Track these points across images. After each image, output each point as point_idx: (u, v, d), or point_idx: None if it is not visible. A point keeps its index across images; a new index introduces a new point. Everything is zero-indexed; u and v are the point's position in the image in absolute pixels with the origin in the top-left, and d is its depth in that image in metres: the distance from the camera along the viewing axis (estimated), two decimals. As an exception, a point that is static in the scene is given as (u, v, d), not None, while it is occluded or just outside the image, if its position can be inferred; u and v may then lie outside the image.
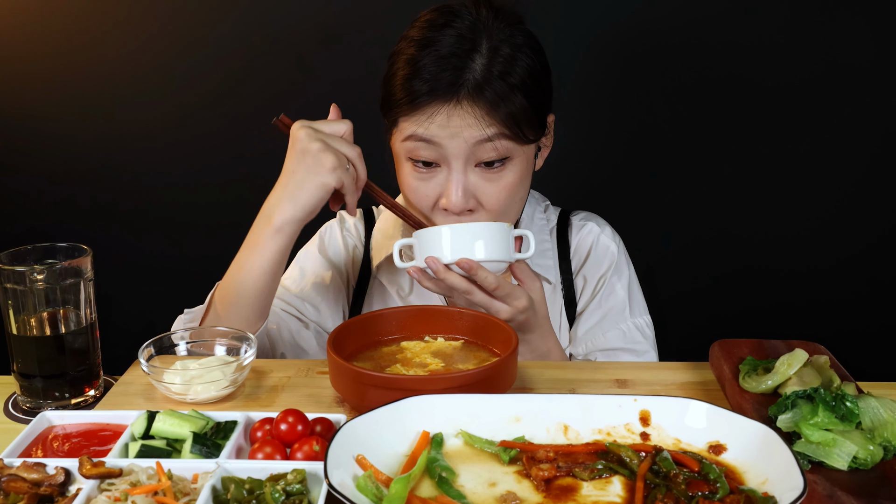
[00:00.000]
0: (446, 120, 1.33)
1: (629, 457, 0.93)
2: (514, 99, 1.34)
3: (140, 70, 2.22)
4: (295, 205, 1.31)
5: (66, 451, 1.01)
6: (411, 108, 1.35)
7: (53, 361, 1.19)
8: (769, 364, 1.13)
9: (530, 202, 1.60)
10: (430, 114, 1.34)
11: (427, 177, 1.40)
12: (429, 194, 1.40)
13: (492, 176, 1.39)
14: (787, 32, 2.11)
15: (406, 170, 1.42)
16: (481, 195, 1.39)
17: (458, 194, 1.37)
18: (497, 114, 1.33)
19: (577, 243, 1.61)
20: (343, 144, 1.32)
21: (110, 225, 2.33)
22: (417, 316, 1.28)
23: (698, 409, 0.97)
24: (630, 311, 1.56)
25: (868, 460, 0.93)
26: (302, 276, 1.59)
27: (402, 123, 1.38)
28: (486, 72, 1.33)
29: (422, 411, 0.97)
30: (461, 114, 1.33)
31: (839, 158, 2.19)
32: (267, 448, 0.97)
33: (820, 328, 2.15)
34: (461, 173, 1.37)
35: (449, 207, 1.38)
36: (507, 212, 1.43)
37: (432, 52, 1.34)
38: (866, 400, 1.00)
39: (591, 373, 1.28)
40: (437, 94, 1.33)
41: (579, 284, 1.59)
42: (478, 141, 1.34)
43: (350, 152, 1.32)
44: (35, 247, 1.21)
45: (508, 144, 1.36)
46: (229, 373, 1.17)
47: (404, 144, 1.39)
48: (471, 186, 1.38)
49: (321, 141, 1.29)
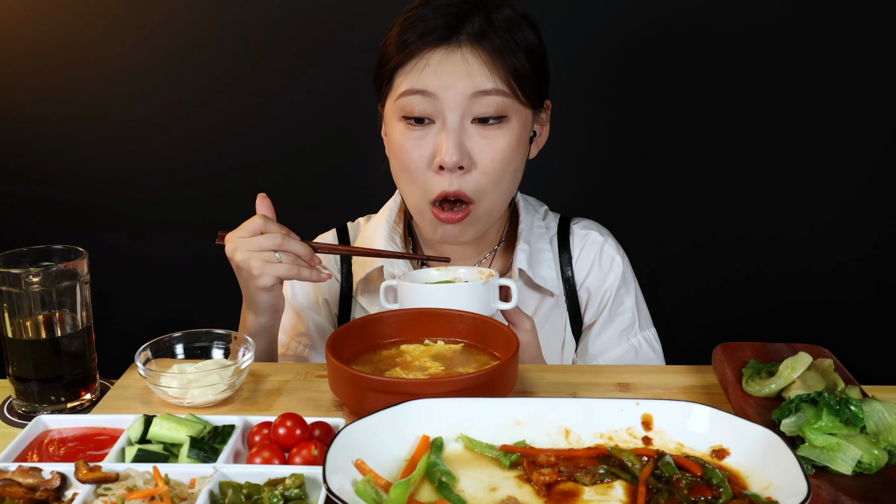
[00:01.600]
0: (441, 66, 1.30)
1: (631, 461, 0.93)
2: (517, 54, 1.31)
3: (134, 70, 2.23)
4: (257, 313, 1.37)
5: (62, 456, 1.01)
6: (404, 57, 1.33)
7: (49, 365, 1.19)
8: (773, 367, 1.14)
9: (527, 209, 1.57)
10: (424, 60, 1.31)
11: (420, 134, 1.36)
12: (422, 153, 1.37)
13: (488, 133, 1.35)
14: (791, 29, 2.11)
15: (398, 131, 1.38)
16: (476, 153, 1.36)
17: (453, 148, 1.33)
18: (498, 66, 1.30)
19: (580, 253, 1.57)
20: (262, 241, 1.31)
21: (106, 227, 2.33)
22: (417, 319, 1.28)
23: (701, 413, 0.97)
24: (639, 325, 1.54)
25: (872, 465, 0.94)
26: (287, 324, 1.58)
27: (397, 79, 1.36)
28: (487, 23, 1.32)
29: (421, 415, 0.97)
30: (458, 60, 1.30)
31: (845, 160, 2.19)
32: (265, 452, 0.97)
33: (824, 331, 2.16)
34: (456, 127, 1.34)
35: (443, 164, 1.34)
36: (500, 180, 1.39)
37: (429, 7, 1.33)
38: (871, 404, 1.00)
39: (593, 376, 1.28)
40: (429, 38, 1.31)
41: (583, 297, 1.56)
42: (475, 92, 1.31)
43: (270, 243, 1.31)
44: (30, 249, 1.21)
45: (507, 102, 1.33)
46: (227, 376, 1.17)
47: (398, 102, 1.36)
48: (465, 142, 1.35)
49: (242, 251, 1.31)
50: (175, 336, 1.26)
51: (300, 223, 2.24)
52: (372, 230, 1.58)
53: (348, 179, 2.27)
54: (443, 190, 1.37)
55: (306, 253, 1.33)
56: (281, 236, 1.31)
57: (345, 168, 2.27)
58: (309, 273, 1.33)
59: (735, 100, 2.17)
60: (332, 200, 2.28)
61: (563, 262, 1.56)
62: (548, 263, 1.54)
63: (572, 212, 1.66)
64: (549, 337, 1.54)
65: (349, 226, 1.65)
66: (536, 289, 1.53)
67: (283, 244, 1.31)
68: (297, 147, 2.27)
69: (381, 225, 1.57)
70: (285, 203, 2.29)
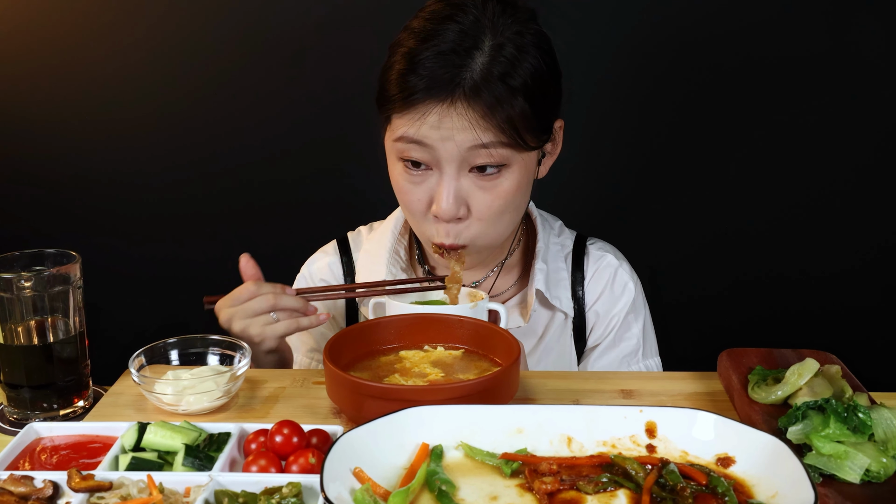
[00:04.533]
0: (438, 121, 1.30)
1: (635, 470, 0.93)
2: (513, 102, 1.30)
3: (128, 71, 2.23)
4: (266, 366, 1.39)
5: (55, 464, 1.01)
6: (404, 106, 1.32)
7: (41, 371, 1.19)
8: (779, 374, 1.14)
9: (543, 227, 1.57)
10: (422, 113, 1.31)
11: (418, 179, 1.37)
12: (420, 198, 1.37)
13: (486, 183, 1.35)
14: (796, 32, 2.12)
15: (398, 170, 1.39)
16: (473, 203, 1.36)
17: (449, 201, 1.34)
18: (494, 118, 1.29)
19: (593, 275, 1.56)
20: (255, 306, 1.32)
21: (99, 231, 2.33)
22: (417, 324, 1.28)
23: (706, 421, 0.97)
24: (643, 353, 1.54)
25: (881, 473, 0.94)
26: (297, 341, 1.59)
27: (395, 121, 1.36)
28: (485, 72, 1.30)
29: (421, 422, 0.97)
30: (455, 116, 1.29)
31: (852, 164, 2.20)
32: (261, 461, 0.97)
33: (831, 337, 2.16)
34: (453, 179, 1.34)
35: (439, 214, 1.35)
36: (497, 222, 1.39)
37: (431, 48, 1.31)
38: (879, 411, 1.00)
39: (596, 383, 1.28)
40: (431, 92, 1.30)
41: (591, 319, 1.55)
42: (472, 146, 1.31)
43: (264, 306, 1.32)
44: (22, 253, 1.21)
45: (505, 151, 1.33)
46: (223, 383, 1.17)
47: (396, 144, 1.37)
48: (463, 193, 1.35)
49: (238, 320, 1.33)
50: (170, 342, 1.26)
51: (298, 224, 2.26)
52: (377, 241, 1.58)
53: (346, 181, 2.27)
54: (440, 241, 1.39)
55: (301, 306, 1.35)
56: (273, 296, 1.33)
57: (343, 169, 2.27)
58: (308, 321, 1.35)
59: (739, 103, 2.17)
60: (330, 202, 2.29)
61: (576, 280, 1.56)
62: (564, 283, 1.54)
63: (575, 216, 1.66)
64: (559, 354, 1.54)
65: (350, 236, 1.64)
66: (549, 307, 1.53)
67: (277, 303, 1.33)
68: (293, 149, 2.27)
69: (385, 235, 1.57)
70: (283, 205, 2.31)
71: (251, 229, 2.29)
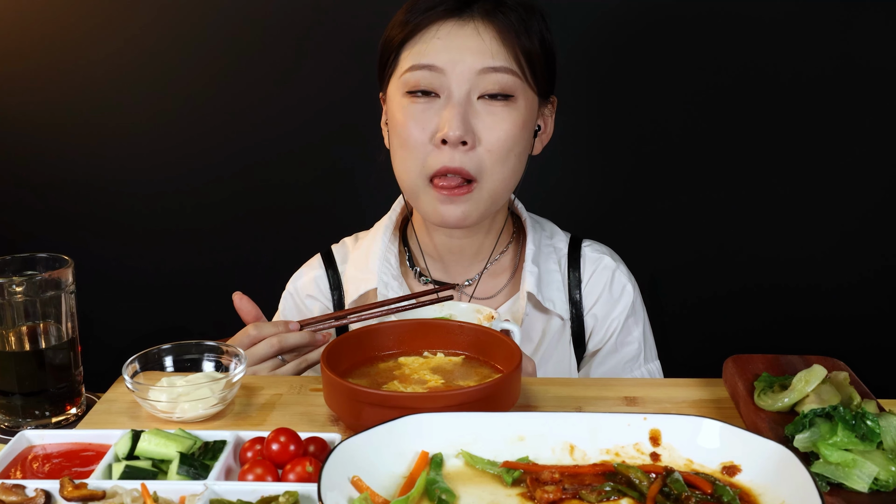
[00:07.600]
0: (451, 38, 1.30)
1: (638, 478, 0.93)
2: (531, 36, 1.31)
3: (123, 73, 2.24)
4: None
5: (47, 473, 1.01)
6: (412, 30, 1.32)
7: (33, 378, 1.19)
8: (786, 381, 1.14)
9: (534, 228, 1.56)
10: (433, 31, 1.30)
11: (424, 108, 1.35)
12: (424, 128, 1.36)
13: (494, 110, 1.35)
14: (804, 34, 2.12)
15: (401, 107, 1.37)
16: (481, 130, 1.35)
17: (457, 122, 1.32)
18: (510, 44, 1.30)
19: (590, 277, 1.56)
20: (260, 352, 1.30)
21: (92, 235, 2.34)
22: (416, 330, 1.28)
23: (711, 428, 0.97)
24: (644, 357, 1.54)
25: (890, 482, 0.94)
26: None
27: (402, 55, 1.35)
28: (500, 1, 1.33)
29: (420, 430, 0.97)
30: (469, 33, 1.30)
31: (859, 170, 2.20)
32: (258, 469, 0.97)
33: (839, 343, 2.16)
34: (463, 101, 1.33)
35: (446, 138, 1.33)
36: (504, 160, 1.37)
37: None
38: (888, 419, 1.00)
39: (599, 390, 1.28)
40: (441, 8, 1.30)
41: (589, 323, 1.55)
42: (484, 68, 1.31)
43: (269, 351, 1.30)
44: (14, 257, 1.21)
45: (516, 82, 1.33)
46: (218, 390, 1.17)
47: (402, 78, 1.35)
48: (471, 118, 1.34)
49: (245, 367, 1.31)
50: (164, 348, 1.26)
51: (295, 226, 2.26)
52: (365, 250, 1.56)
53: (344, 181, 2.28)
54: (444, 164, 1.35)
55: (308, 340, 1.33)
56: (277, 339, 1.31)
57: (341, 170, 2.27)
58: (317, 355, 1.33)
59: (745, 106, 2.18)
60: (328, 204, 2.29)
61: (572, 283, 1.55)
62: (557, 286, 1.53)
63: (575, 219, 1.67)
64: (558, 361, 1.54)
65: (334, 248, 1.63)
66: (544, 311, 1.53)
67: (283, 346, 1.31)
68: (287, 155, 2.28)
69: (375, 243, 1.55)
70: (280, 207, 2.31)
71: (245, 235, 2.29)
